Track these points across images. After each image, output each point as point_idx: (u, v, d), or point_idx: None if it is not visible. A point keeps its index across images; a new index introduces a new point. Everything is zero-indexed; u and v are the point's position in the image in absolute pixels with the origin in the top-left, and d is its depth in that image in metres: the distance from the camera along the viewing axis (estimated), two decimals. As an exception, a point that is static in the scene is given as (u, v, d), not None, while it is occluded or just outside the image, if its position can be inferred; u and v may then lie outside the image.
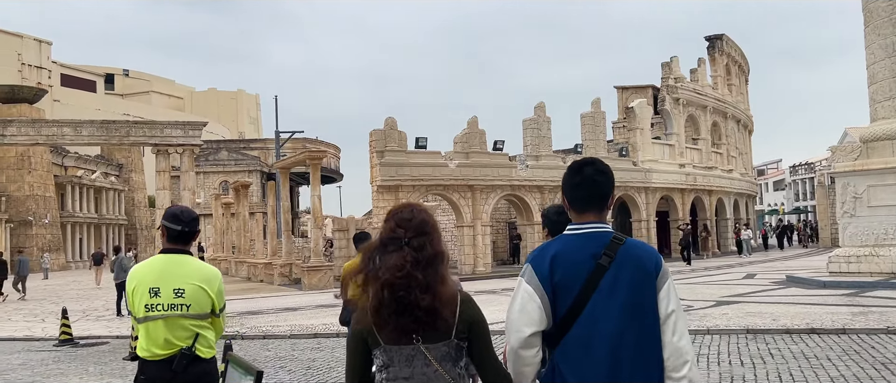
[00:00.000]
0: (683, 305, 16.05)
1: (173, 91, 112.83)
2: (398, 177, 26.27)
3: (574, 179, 2.84)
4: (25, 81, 67.37)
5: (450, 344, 2.65)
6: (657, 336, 2.67)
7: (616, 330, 2.62)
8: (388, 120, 26.54)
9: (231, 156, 59.84)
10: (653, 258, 2.71)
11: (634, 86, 46.62)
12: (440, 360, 2.64)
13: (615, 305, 2.63)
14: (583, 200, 2.81)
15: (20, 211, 57.88)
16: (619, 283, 2.64)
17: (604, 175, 2.82)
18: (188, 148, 33.83)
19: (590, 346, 2.63)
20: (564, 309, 2.66)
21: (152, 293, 3.80)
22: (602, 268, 2.65)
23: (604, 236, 2.72)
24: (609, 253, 2.67)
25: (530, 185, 30.25)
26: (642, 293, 2.66)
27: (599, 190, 2.80)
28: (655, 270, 2.68)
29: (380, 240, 2.73)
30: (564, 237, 2.79)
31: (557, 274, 2.66)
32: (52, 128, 32.08)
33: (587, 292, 2.65)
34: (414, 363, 2.64)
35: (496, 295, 19.90)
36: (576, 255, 2.68)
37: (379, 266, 2.63)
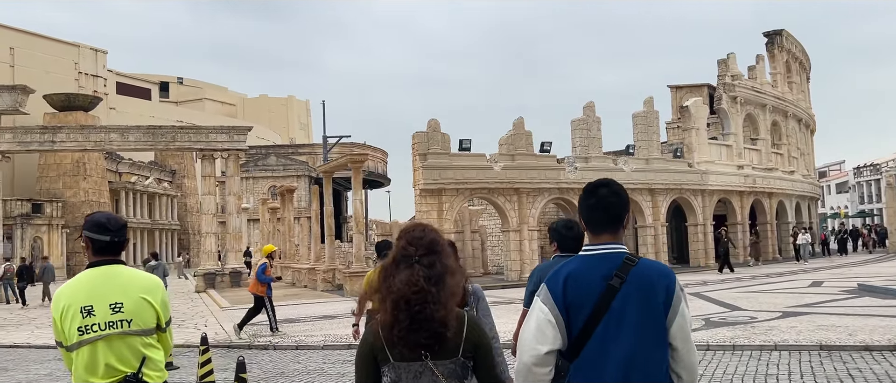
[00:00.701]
0: (745, 316, 14.85)
1: (226, 98, 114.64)
2: (441, 181, 25.49)
3: (589, 201, 2.90)
4: (82, 90, 68.98)
5: (456, 361, 2.75)
6: (666, 357, 2.72)
7: (627, 352, 2.68)
8: (430, 122, 25.81)
9: (279, 162, 60.05)
10: (665, 279, 2.74)
11: (689, 85, 44.93)
12: (447, 376, 2.74)
13: (626, 327, 2.68)
14: (598, 222, 2.86)
15: (76, 216, 59.07)
16: (629, 305, 2.70)
17: (618, 196, 2.88)
18: (233, 153, 33.73)
19: (602, 367, 2.69)
20: (577, 329, 2.72)
21: (85, 312, 3.21)
22: (613, 289, 2.70)
23: (617, 257, 2.78)
24: (621, 274, 2.72)
25: (579, 188, 29.02)
26: (652, 315, 2.70)
27: (614, 211, 2.86)
28: (667, 292, 2.72)
29: (393, 258, 2.83)
30: (579, 258, 2.86)
31: (570, 294, 2.73)
32: (100, 134, 32.34)
33: (599, 313, 2.70)
34: (422, 379, 2.73)
35: (543, 304, 18.86)
36: (588, 276, 2.75)
37: (393, 283, 2.74)
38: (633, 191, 30.94)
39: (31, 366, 13.00)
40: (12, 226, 52.47)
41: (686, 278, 27.19)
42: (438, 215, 25.68)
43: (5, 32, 64.01)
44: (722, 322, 13.98)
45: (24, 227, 52.83)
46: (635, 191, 30.97)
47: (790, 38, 43.41)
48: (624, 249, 2.84)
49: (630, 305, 2.70)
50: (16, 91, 31.39)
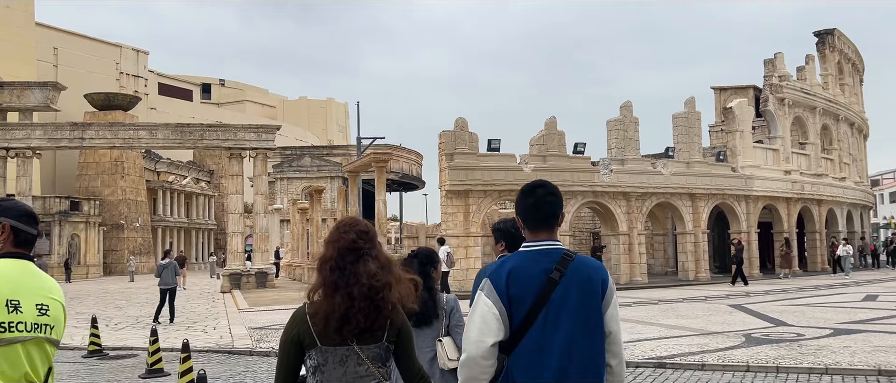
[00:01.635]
0: (791, 332, 13.50)
1: (266, 100, 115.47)
2: (468, 182, 24.47)
3: (528, 200, 3.08)
4: (123, 89, 69.84)
5: (380, 346, 2.95)
6: (602, 347, 2.92)
7: (566, 340, 2.85)
8: (458, 120, 24.81)
9: (314, 163, 59.66)
10: (600, 273, 2.96)
11: (733, 86, 43.15)
12: (372, 360, 2.93)
13: (565, 317, 2.86)
14: (536, 220, 3.04)
15: (113, 215, 59.68)
16: (568, 296, 2.88)
17: (554, 195, 3.10)
18: (261, 152, 33.22)
19: (542, 354, 2.86)
20: (519, 320, 2.89)
21: (11, 307, 2.75)
22: (553, 282, 2.88)
23: (555, 253, 2.96)
24: (560, 268, 2.91)
25: (614, 192, 27.78)
26: (589, 306, 2.90)
27: (551, 210, 3.06)
28: (602, 285, 2.93)
29: (338, 250, 2.95)
30: (520, 254, 3.02)
31: (513, 287, 2.90)
32: (129, 132, 32.14)
33: (539, 304, 2.88)
34: (347, 363, 2.92)
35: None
36: (530, 270, 2.91)
37: (352, 273, 2.89)
38: (672, 196, 29.50)
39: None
40: (50, 223, 53.06)
41: (728, 289, 25.69)
42: (465, 217, 24.66)
43: (49, 33, 65.06)
44: (765, 338, 12.68)
45: (61, 225, 53.38)
46: (674, 195, 29.52)
47: (842, 38, 41.31)
48: (560, 245, 3.02)
49: (569, 297, 2.87)
50: (47, 88, 31.38)
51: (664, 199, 29.43)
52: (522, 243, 3.08)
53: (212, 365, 12.16)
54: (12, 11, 55.42)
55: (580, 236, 36.25)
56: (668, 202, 29.67)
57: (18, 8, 56.12)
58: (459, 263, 24.38)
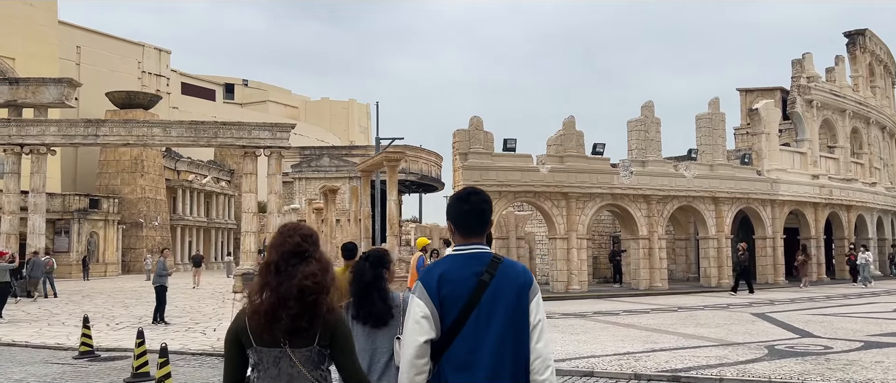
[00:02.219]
0: (818, 345, 12.65)
1: (289, 100, 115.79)
2: (482, 182, 23.77)
3: (463, 207, 3.20)
4: (145, 88, 70.13)
5: (312, 350, 3.02)
6: (527, 341, 3.05)
7: (497, 338, 3.00)
8: (472, 119, 24.16)
9: (332, 163, 59.37)
10: (525, 274, 3.13)
11: (760, 88, 42.06)
12: (303, 363, 3.01)
13: (496, 316, 3.01)
14: (469, 225, 3.18)
15: (132, 213, 59.81)
16: (498, 297, 3.03)
17: (487, 203, 3.23)
18: (275, 150, 32.81)
19: (474, 353, 3.01)
20: (450, 320, 3.02)
21: None
22: (484, 283, 3.04)
23: (485, 256, 3.12)
24: (490, 270, 3.06)
25: (635, 194, 26.93)
26: (517, 305, 3.05)
27: (484, 217, 3.19)
28: (527, 285, 3.09)
29: (281, 253, 3.04)
30: (451, 257, 3.18)
31: (444, 289, 3.05)
32: (143, 129, 31.90)
33: (471, 305, 3.02)
34: (280, 364, 2.99)
35: (583, 321, 16.91)
36: (461, 273, 3.06)
37: (293, 274, 2.96)
38: (695, 200, 28.57)
39: (10, 369, 11.92)
40: (69, 221, 53.25)
41: (751, 296, 24.73)
42: (479, 219, 23.98)
43: (72, 31, 65.50)
44: (789, 351, 11.85)
45: (80, 222, 53.53)
46: (697, 198, 28.59)
47: (874, 39, 40.01)
48: (489, 250, 3.16)
49: (498, 298, 3.02)
50: (62, 84, 31.26)
51: (686, 203, 28.51)
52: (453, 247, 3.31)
53: (203, 369, 11.63)
54: (35, 10, 55.80)
55: (599, 240, 35.33)
56: (690, 206, 28.74)
57: (41, 7, 56.51)
58: (472, 266, 23.72)
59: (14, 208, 30.86)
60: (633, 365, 10.58)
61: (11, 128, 30.76)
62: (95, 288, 34.44)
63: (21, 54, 52.75)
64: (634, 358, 11.18)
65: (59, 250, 52.44)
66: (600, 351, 12.06)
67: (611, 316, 18.08)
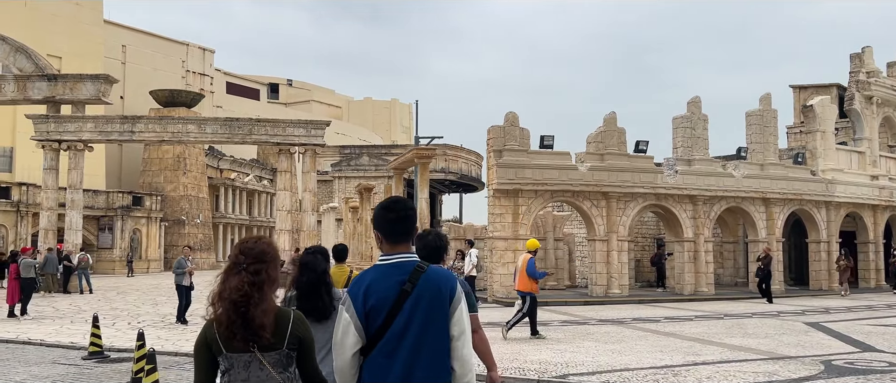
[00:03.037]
0: (882, 360, 11.39)
1: (332, 100, 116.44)
2: (517, 181, 22.83)
3: (390, 215, 3.31)
4: (189, 87, 70.86)
5: (281, 353, 3.19)
6: (448, 349, 3.19)
7: (412, 346, 3.13)
8: (508, 115, 23.22)
9: (371, 162, 58.99)
10: (449, 283, 3.23)
11: (814, 85, 40.05)
12: (273, 365, 3.17)
13: (414, 324, 3.14)
14: (397, 234, 3.30)
15: (174, 210, 60.37)
16: (418, 306, 3.15)
17: (413, 211, 3.39)
18: (310, 147, 32.39)
19: (390, 359, 3.14)
20: (374, 328, 3.17)
21: None
22: (405, 293, 3.16)
23: (409, 265, 3.23)
24: (412, 279, 3.18)
25: (679, 195, 25.62)
26: (437, 314, 3.17)
27: (410, 225, 3.33)
28: (450, 295, 3.20)
29: (227, 266, 3.27)
30: (376, 267, 3.32)
31: (370, 300, 3.18)
32: (178, 125, 31.80)
33: (393, 314, 3.15)
34: (250, 368, 3.16)
35: (621, 328, 15.81)
36: (385, 282, 3.20)
37: (225, 286, 3.17)
38: (744, 201, 27.11)
39: (14, 369, 11.46)
40: (113, 218, 53.93)
41: (804, 303, 23.24)
42: (514, 219, 23.01)
43: (117, 30, 66.50)
44: (849, 367, 10.66)
45: (123, 219, 54.18)
46: (746, 199, 27.12)
47: (940, 32, 37.68)
48: (415, 258, 3.30)
49: (419, 306, 3.16)
50: (99, 80, 31.32)
51: (735, 204, 27.06)
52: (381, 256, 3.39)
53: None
54: (81, 9, 56.69)
55: (642, 242, 33.96)
56: (739, 207, 27.28)
57: (87, 5, 57.40)
58: (507, 268, 22.77)
59: (53, 204, 31.02)
60: (672, 381, 9.55)
61: (50, 124, 30.93)
62: (133, 285, 34.49)
63: (67, 53, 53.59)
64: (672, 373, 10.14)
65: (102, 246, 53.23)
66: (635, 363, 11.04)
67: (651, 323, 16.97)
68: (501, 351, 12.50)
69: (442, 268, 3.35)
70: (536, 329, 14.31)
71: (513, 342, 13.68)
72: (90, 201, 53.14)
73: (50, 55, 49.85)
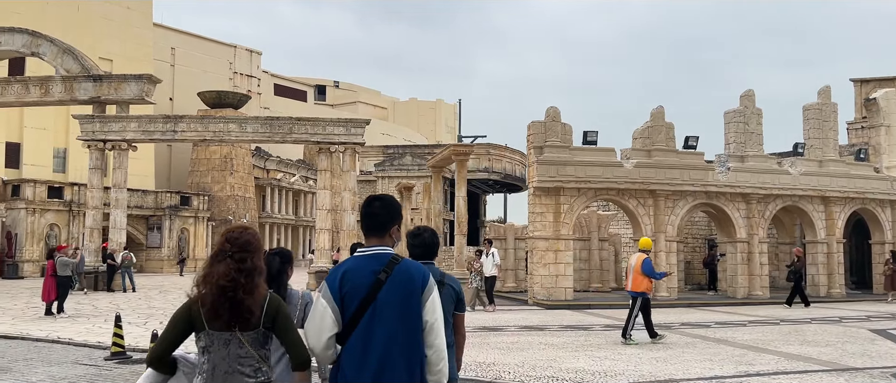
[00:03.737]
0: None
1: (378, 101, 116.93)
2: (559, 178, 21.95)
3: (366, 210, 3.59)
4: (236, 89, 71.64)
5: (258, 331, 3.44)
6: (421, 337, 3.35)
7: (388, 332, 3.31)
8: (549, 110, 22.37)
9: (414, 162, 58.56)
10: (421, 274, 3.43)
11: (877, 78, 38.06)
12: (251, 344, 3.43)
13: (389, 312, 3.32)
14: (371, 228, 3.56)
15: (221, 210, 60.99)
16: (392, 294, 3.34)
17: (385, 209, 3.57)
18: (350, 146, 32.04)
19: (367, 344, 3.31)
20: (350, 314, 3.36)
21: None
22: (380, 282, 3.36)
23: (384, 256, 3.45)
24: (387, 270, 3.38)
25: (732, 193, 24.37)
26: (410, 302, 3.34)
27: (381, 220, 3.55)
28: (422, 285, 3.39)
29: (214, 253, 3.52)
30: (354, 257, 3.56)
31: (346, 287, 3.40)
32: (219, 125, 31.81)
33: (368, 301, 3.33)
34: (230, 346, 3.42)
35: (669, 333, 14.81)
36: (361, 272, 3.41)
37: (212, 272, 3.43)
38: (802, 199, 25.66)
39: (35, 369, 11.19)
40: (161, 217, 54.71)
41: (867, 308, 21.78)
42: (555, 218, 22.13)
43: (166, 33, 67.62)
44: (923, 381, 9.57)
45: (171, 219, 54.92)
46: (804, 198, 25.67)
47: None
48: (390, 250, 3.50)
49: (393, 295, 3.34)
50: (142, 80, 31.54)
51: (791, 203, 25.65)
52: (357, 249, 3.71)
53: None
54: (131, 12, 57.71)
55: (693, 243, 32.62)
56: (796, 206, 25.84)
57: (137, 9, 58.42)
58: (548, 269, 21.93)
59: (98, 203, 31.34)
60: (721, 393, 8.67)
61: (95, 124, 31.24)
62: (178, 284, 34.67)
63: (118, 56, 54.59)
64: (723, 385, 9.24)
65: (151, 246, 54.08)
66: (681, 373, 10.15)
67: (700, 328, 15.94)
68: (536, 357, 11.74)
69: (415, 262, 3.52)
70: (654, 330, 13.64)
71: (550, 347, 12.89)
72: (139, 201, 54.06)
73: (101, 58, 50.88)
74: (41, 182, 47.36)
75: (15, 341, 14.61)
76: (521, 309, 20.46)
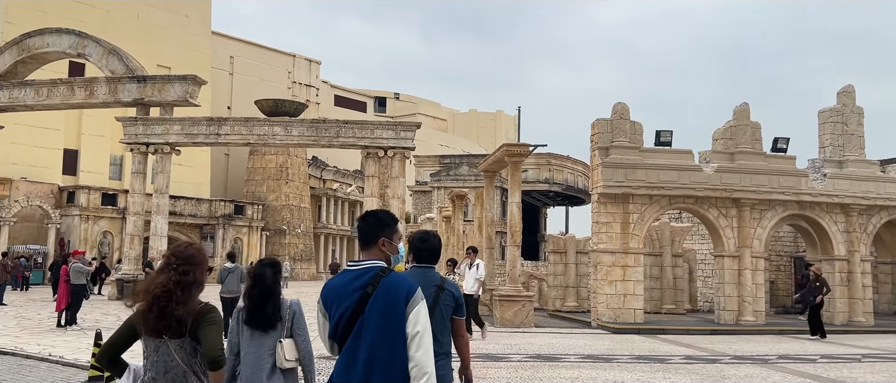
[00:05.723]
0: None
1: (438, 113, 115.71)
2: (627, 183, 19.27)
3: (358, 224, 3.77)
4: (295, 98, 70.96)
5: (185, 341, 3.65)
6: (404, 349, 3.36)
7: (371, 344, 3.35)
8: (617, 106, 19.75)
9: (471, 171, 56.32)
10: (406, 287, 3.45)
11: None
12: (177, 351, 3.63)
13: (372, 325, 3.39)
14: (361, 241, 3.69)
15: (276, 220, 60.00)
16: (376, 307, 3.40)
17: (368, 221, 3.73)
18: (399, 151, 30.02)
19: (354, 355, 3.39)
20: (341, 327, 3.47)
21: None
22: (367, 295, 3.43)
23: (372, 270, 3.52)
24: (373, 283, 3.45)
25: (829, 203, 21.19)
26: (393, 314, 3.39)
27: (363, 236, 3.69)
28: (407, 297, 3.42)
29: (159, 265, 3.84)
30: (344, 271, 3.66)
31: (336, 300, 3.52)
32: (264, 128, 30.28)
33: (356, 314, 3.43)
34: (159, 352, 3.65)
35: (768, 370, 12.00)
36: (350, 286, 3.50)
37: (152, 282, 3.71)
38: (911, 212, 22.21)
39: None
40: (215, 226, 53.94)
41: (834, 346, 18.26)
42: (623, 229, 19.43)
43: (225, 41, 67.48)
44: None
45: (225, 228, 54.11)
46: (914, 211, 22.23)
47: None
48: (379, 264, 3.56)
49: (376, 307, 3.40)
50: (187, 81, 30.31)
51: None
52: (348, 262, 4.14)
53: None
54: (190, 21, 57.55)
55: (777, 261, 29.20)
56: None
57: (196, 17, 58.24)
58: (614, 287, 19.23)
59: (139, 209, 30.18)
60: None
61: (138, 126, 30.16)
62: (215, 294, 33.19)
63: (176, 63, 54.25)
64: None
65: (204, 254, 53.35)
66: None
67: (804, 363, 13.05)
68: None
69: (402, 274, 3.64)
70: None
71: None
72: (193, 209, 53.43)
73: (160, 66, 50.55)
74: (96, 189, 47.09)
75: (5, 357, 12.95)
76: (583, 333, 17.84)
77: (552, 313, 23.47)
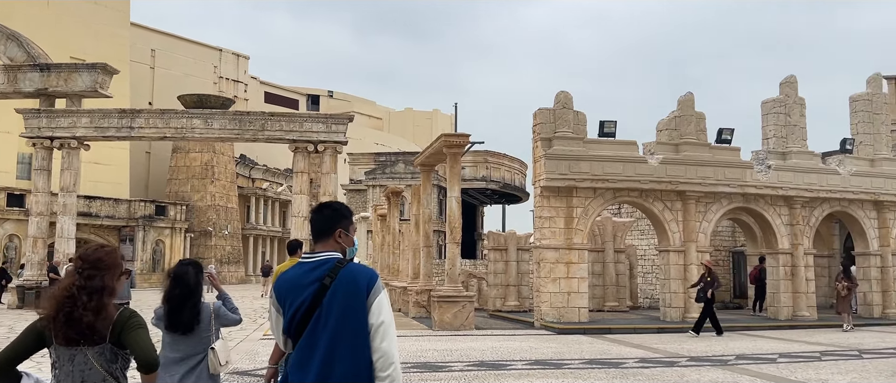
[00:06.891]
0: None
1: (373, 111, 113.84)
2: (571, 176, 18.24)
3: (312, 216, 3.58)
4: (222, 94, 67.99)
5: (105, 347, 3.46)
6: (367, 341, 3.20)
7: (331, 337, 3.19)
8: (559, 95, 18.71)
9: (407, 169, 54.91)
10: (366, 277, 3.29)
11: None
12: (96, 359, 3.44)
13: (332, 317, 3.21)
14: (315, 234, 3.51)
15: (202, 221, 57.21)
16: (336, 299, 3.23)
17: (324, 213, 3.52)
18: (330, 146, 28.42)
19: (311, 349, 3.21)
20: (297, 320, 3.28)
21: None
22: (325, 287, 3.26)
23: (329, 262, 3.35)
24: (331, 274, 3.29)
25: (773, 195, 20.70)
26: (354, 306, 3.22)
27: (318, 227, 3.50)
28: (367, 288, 3.26)
29: (67, 271, 3.75)
30: (299, 263, 3.48)
31: (290, 293, 3.32)
32: (182, 120, 28.14)
33: (313, 307, 3.25)
34: (75, 361, 3.43)
35: (731, 374, 11.03)
36: (306, 278, 3.32)
37: (57, 287, 3.52)
38: (852, 203, 22.00)
39: None
40: (134, 228, 50.92)
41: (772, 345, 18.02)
42: (567, 224, 18.39)
43: (146, 33, 64.06)
44: None
45: (146, 229, 51.16)
46: (854, 202, 22.02)
47: None
48: (336, 256, 3.40)
49: (337, 299, 3.22)
50: (96, 70, 27.88)
51: (840, 208, 22.00)
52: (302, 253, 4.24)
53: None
54: (106, 10, 54.18)
55: (716, 256, 28.78)
56: (844, 212, 22.18)
57: (112, 6, 54.87)
58: (558, 285, 18.17)
59: (43, 209, 27.59)
60: None
61: (41, 119, 27.63)
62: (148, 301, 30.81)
63: (91, 54, 50.75)
64: None
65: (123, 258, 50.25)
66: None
67: (765, 363, 12.16)
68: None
69: (362, 265, 3.45)
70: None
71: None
72: (110, 210, 50.25)
73: (73, 57, 47.16)
74: (0, 188, 43.66)
75: None
76: (527, 335, 16.68)
77: (493, 313, 22.30)
